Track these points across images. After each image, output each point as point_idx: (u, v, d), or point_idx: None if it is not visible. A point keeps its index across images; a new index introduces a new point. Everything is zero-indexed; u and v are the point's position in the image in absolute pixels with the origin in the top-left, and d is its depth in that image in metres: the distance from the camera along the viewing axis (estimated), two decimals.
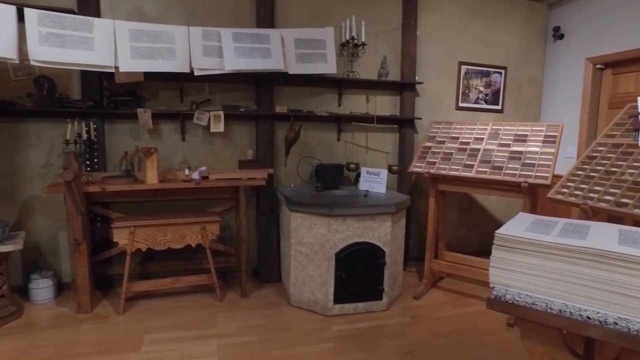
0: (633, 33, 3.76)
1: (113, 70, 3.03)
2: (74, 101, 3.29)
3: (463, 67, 4.40)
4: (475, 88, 4.49)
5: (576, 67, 4.34)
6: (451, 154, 3.51)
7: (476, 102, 4.52)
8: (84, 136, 3.23)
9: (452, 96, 4.43)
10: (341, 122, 4.02)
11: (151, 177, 3.17)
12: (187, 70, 3.20)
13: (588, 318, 1.18)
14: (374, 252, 3.19)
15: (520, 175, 3.08)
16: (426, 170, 3.49)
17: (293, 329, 2.96)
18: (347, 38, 3.74)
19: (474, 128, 3.62)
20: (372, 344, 2.78)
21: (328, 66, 3.57)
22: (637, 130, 2.51)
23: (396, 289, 3.49)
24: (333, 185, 3.74)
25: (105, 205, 3.46)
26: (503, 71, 4.54)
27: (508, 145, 3.33)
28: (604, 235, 1.36)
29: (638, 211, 2.11)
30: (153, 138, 3.58)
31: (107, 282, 3.54)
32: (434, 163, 3.52)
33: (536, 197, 3.21)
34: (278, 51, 3.38)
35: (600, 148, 2.64)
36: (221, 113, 3.55)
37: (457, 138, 3.62)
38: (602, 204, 2.27)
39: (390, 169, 3.89)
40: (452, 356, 2.68)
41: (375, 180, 3.68)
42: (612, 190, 2.31)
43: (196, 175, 3.34)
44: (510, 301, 1.34)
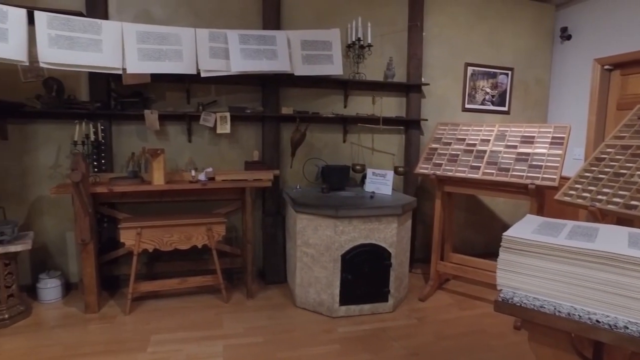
0: None
1: (120, 71, 3.06)
2: (82, 102, 3.32)
3: (469, 69, 4.38)
4: (481, 89, 4.47)
5: (584, 68, 4.31)
6: (457, 156, 3.50)
7: (482, 104, 4.50)
8: (92, 137, 3.26)
9: (459, 97, 4.41)
10: (347, 124, 4.02)
11: (158, 178, 3.19)
12: (194, 71, 3.22)
13: (597, 322, 1.17)
14: (380, 254, 3.19)
15: (527, 177, 3.06)
16: (432, 171, 3.48)
17: (298, 331, 2.96)
18: (353, 39, 3.74)
19: (481, 129, 3.60)
20: (378, 346, 2.77)
21: (334, 67, 3.57)
22: None
23: (402, 291, 3.48)
24: (339, 186, 3.74)
25: (112, 206, 3.48)
26: (510, 72, 4.52)
27: (515, 146, 3.31)
28: (614, 237, 1.34)
29: None
30: (160, 139, 3.61)
31: (114, 283, 3.57)
32: (440, 164, 3.51)
33: (543, 199, 3.19)
34: (284, 53, 3.39)
35: (608, 150, 2.62)
36: (227, 114, 3.57)
37: (464, 139, 3.60)
38: (611, 206, 2.25)
39: (396, 171, 3.88)
40: (458, 359, 2.66)
41: (381, 181, 3.67)
42: (621, 192, 2.29)
43: (202, 176, 3.35)
44: (518, 304, 1.32)
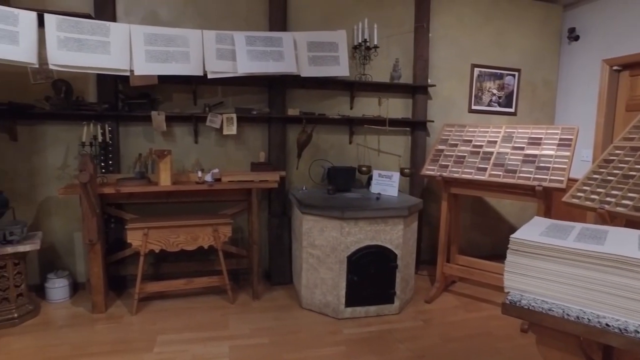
0: None
1: (128, 73, 3.08)
2: (90, 104, 3.34)
3: (476, 70, 4.36)
4: (488, 91, 4.45)
5: (592, 69, 4.28)
6: (464, 157, 3.49)
7: (489, 105, 4.48)
8: (99, 138, 3.29)
9: (465, 99, 4.39)
10: (353, 125, 4.02)
11: (164, 179, 3.20)
12: (201, 73, 3.23)
13: (607, 325, 1.16)
14: (386, 255, 3.18)
15: (534, 178, 3.04)
16: (439, 173, 3.47)
17: (304, 332, 2.96)
18: (360, 41, 3.74)
19: (487, 131, 3.59)
20: (384, 348, 2.77)
21: (340, 69, 3.57)
22: None
23: (408, 293, 3.47)
24: (345, 188, 3.74)
25: (119, 206, 3.51)
26: (516, 73, 4.49)
27: (522, 148, 3.30)
28: (623, 240, 1.33)
29: None
30: (166, 140, 3.63)
31: (121, 283, 3.59)
32: (447, 166, 3.50)
33: (550, 201, 3.17)
34: (290, 54, 3.39)
35: (617, 151, 2.59)
36: (234, 116, 3.58)
37: (470, 141, 3.59)
38: (620, 209, 2.23)
39: (402, 172, 3.88)
40: None
41: (387, 183, 3.67)
42: (631, 194, 2.27)
43: (209, 177, 3.36)
44: (525, 307, 1.32)
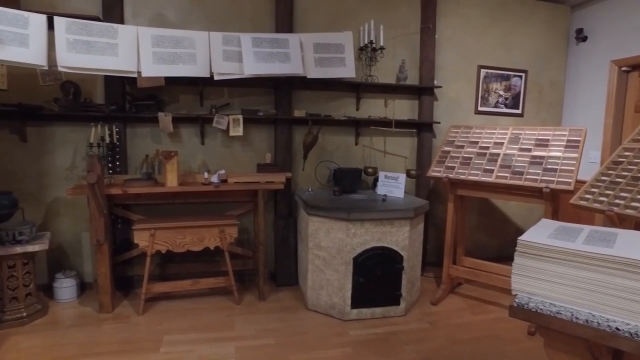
0: None
1: (135, 75, 3.10)
2: (98, 105, 3.37)
3: (482, 71, 4.35)
4: (494, 92, 4.43)
5: (600, 70, 4.24)
6: (470, 159, 3.47)
7: (496, 106, 4.46)
8: (107, 139, 3.31)
9: (471, 100, 4.38)
10: (359, 126, 4.02)
11: (171, 180, 3.22)
12: (207, 74, 3.25)
13: (617, 329, 1.15)
14: (392, 257, 3.17)
15: (541, 180, 3.02)
16: (445, 174, 3.46)
17: (310, 333, 2.96)
18: (366, 42, 3.74)
19: (494, 132, 3.57)
20: (390, 350, 2.76)
21: (346, 70, 3.58)
22: None
23: (414, 294, 3.45)
24: (351, 189, 3.74)
25: (126, 207, 3.53)
26: (523, 75, 4.47)
27: (529, 149, 3.28)
28: (633, 243, 1.32)
29: None
30: (173, 141, 3.65)
31: (128, 283, 3.61)
32: (453, 168, 3.48)
33: (558, 203, 3.15)
34: (297, 55, 3.40)
35: (626, 153, 2.57)
36: (240, 117, 3.60)
37: (477, 142, 3.57)
38: (629, 211, 2.21)
39: (408, 174, 3.87)
40: None
41: (393, 184, 3.66)
42: None
43: (215, 178, 3.38)
44: (533, 309, 1.31)
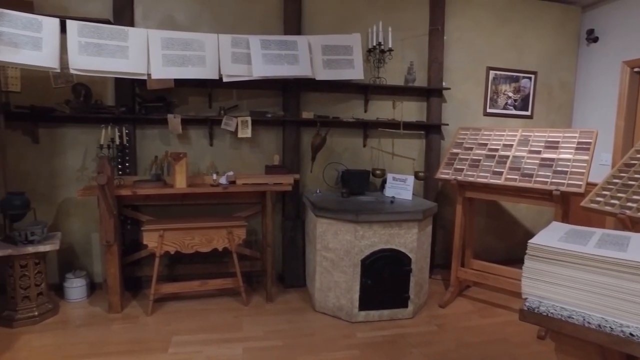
0: None
1: (145, 77, 3.13)
2: (108, 107, 3.41)
3: (491, 73, 4.32)
4: (503, 93, 4.40)
5: (611, 71, 4.20)
6: (479, 161, 3.45)
7: (505, 108, 4.43)
8: (117, 141, 3.34)
9: (480, 102, 4.35)
10: (367, 128, 4.01)
11: (180, 182, 3.24)
12: (216, 76, 3.26)
13: (631, 335, 1.13)
14: (400, 259, 3.16)
15: (552, 182, 2.99)
16: (453, 177, 3.44)
17: (318, 335, 2.96)
18: (374, 44, 3.74)
19: (503, 134, 3.54)
20: (398, 352, 2.75)
21: (355, 72, 3.58)
22: None
23: (422, 297, 3.44)
24: (359, 191, 3.73)
25: (135, 208, 3.56)
26: (533, 76, 4.43)
27: (539, 152, 3.25)
28: None
29: None
30: (182, 143, 3.67)
31: (137, 284, 3.64)
32: (462, 170, 3.46)
33: (568, 206, 3.11)
34: (305, 57, 3.41)
35: (638, 155, 2.54)
36: (248, 119, 3.61)
37: (485, 144, 3.55)
38: None
39: (416, 176, 3.85)
40: None
41: (401, 186, 3.65)
42: None
43: (223, 180, 3.39)
44: (544, 313, 1.29)
